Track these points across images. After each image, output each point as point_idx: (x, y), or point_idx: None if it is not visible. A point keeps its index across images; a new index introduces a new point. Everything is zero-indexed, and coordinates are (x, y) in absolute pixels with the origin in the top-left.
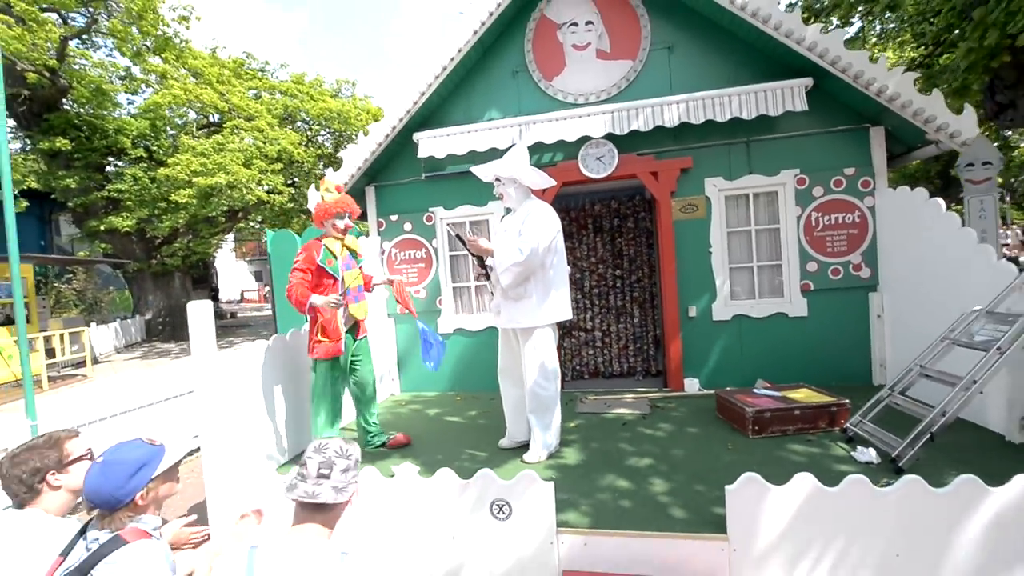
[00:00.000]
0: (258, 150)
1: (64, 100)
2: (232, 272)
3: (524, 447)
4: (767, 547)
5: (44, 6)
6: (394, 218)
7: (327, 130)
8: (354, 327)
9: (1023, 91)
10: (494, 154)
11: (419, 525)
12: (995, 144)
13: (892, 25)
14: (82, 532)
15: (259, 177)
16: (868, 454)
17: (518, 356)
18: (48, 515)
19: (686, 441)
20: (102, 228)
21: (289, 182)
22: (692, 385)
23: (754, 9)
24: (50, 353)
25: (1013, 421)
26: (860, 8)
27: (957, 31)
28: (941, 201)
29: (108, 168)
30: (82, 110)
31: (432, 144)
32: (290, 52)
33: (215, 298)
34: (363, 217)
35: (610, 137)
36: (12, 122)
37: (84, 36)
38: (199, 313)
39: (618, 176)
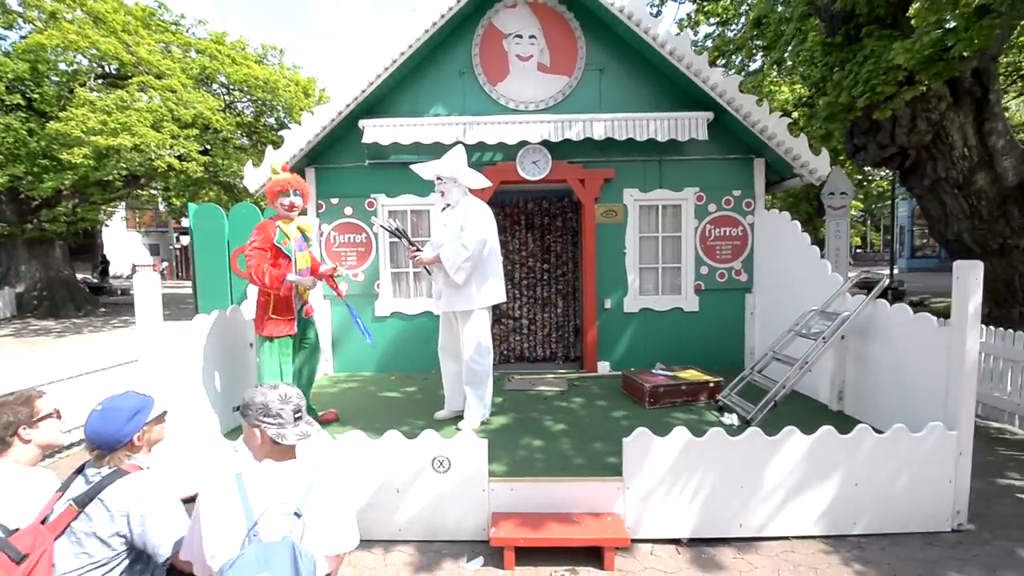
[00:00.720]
0: (170, 112)
1: None
2: (122, 244)
3: (459, 418)
4: (651, 483)
5: None
6: (335, 201)
7: (249, 97)
8: (301, 307)
9: (873, 138)
10: (439, 148)
11: (366, 482)
12: (858, 177)
13: (789, 62)
14: (79, 471)
15: (170, 142)
16: (732, 418)
17: (457, 335)
18: (19, 465)
19: (594, 411)
20: None
21: (203, 149)
22: (604, 367)
23: (671, 48)
24: None
25: (833, 394)
26: (759, 52)
27: (827, 83)
28: (797, 224)
29: None
30: None
31: (378, 132)
32: (199, 5)
33: (104, 272)
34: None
35: (545, 144)
36: None
37: None
38: (145, 285)
39: (550, 180)
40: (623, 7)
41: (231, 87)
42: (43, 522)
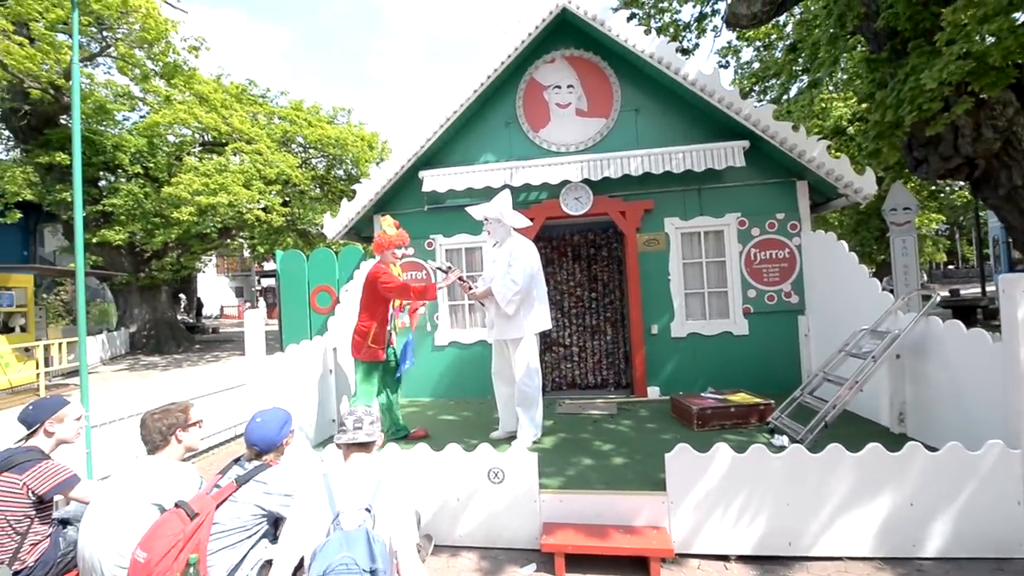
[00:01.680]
0: (258, 171)
1: (64, 116)
2: (212, 287)
3: (513, 438)
4: (694, 498)
5: (59, 27)
6: None
7: (321, 154)
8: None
9: (934, 149)
10: (489, 191)
11: (432, 491)
12: (933, 188)
13: (844, 76)
14: (236, 460)
15: (258, 197)
16: (783, 440)
17: (509, 361)
18: (172, 460)
19: (642, 433)
20: (94, 241)
21: (283, 202)
22: (654, 392)
23: (702, 85)
24: (47, 362)
25: (894, 416)
26: (802, 75)
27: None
28: (843, 244)
29: (101, 183)
30: (82, 126)
31: (435, 180)
32: (272, 67)
33: (199, 312)
34: (369, 240)
35: (586, 181)
36: (9, 135)
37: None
38: (253, 321)
39: (593, 213)
40: (653, 53)
41: (307, 146)
42: (208, 494)
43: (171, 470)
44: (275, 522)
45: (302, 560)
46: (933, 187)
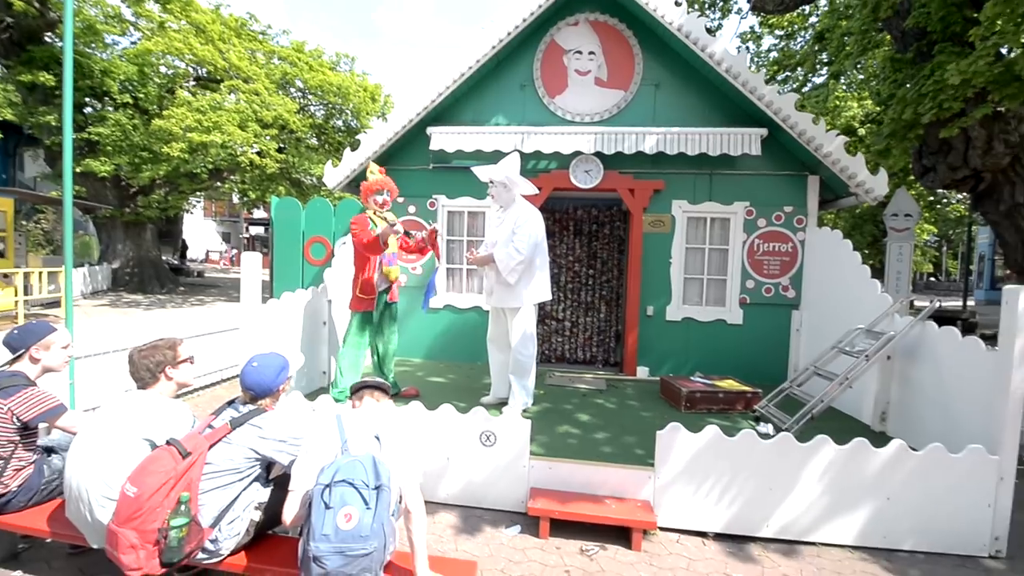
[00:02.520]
0: (254, 113)
1: (50, 33)
2: (199, 230)
3: (503, 404)
4: (681, 475)
5: None
6: (400, 200)
7: (322, 101)
8: (386, 290)
9: (943, 158)
10: (497, 155)
11: (422, 449)
12: (931, 199)
13: (856, 76)
14: (230, 403)
15: (253, 140)
16: (768, 428)
17: (505, 329)
18: (163, 396)
19: (629, 410)
20: (77, 170)
21: (279, 148)
22: (643, 372)
23: (728, 65)
24: (26, 290)
25: (876, 415)
26: (823, 67)
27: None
28: (849, 243)
29: (87, 109)
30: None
31: (443, 139)
32: (274, 12)
33: (183, 254)
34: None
35: (598, 154)
36: None
37: None
38: (250, 264)
39: (601, 188)
40: (680, 25)
41: (307, 91)
42: (201, 433)
43: (163, 406)
44: (267, 466)
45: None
46: (932, 198)
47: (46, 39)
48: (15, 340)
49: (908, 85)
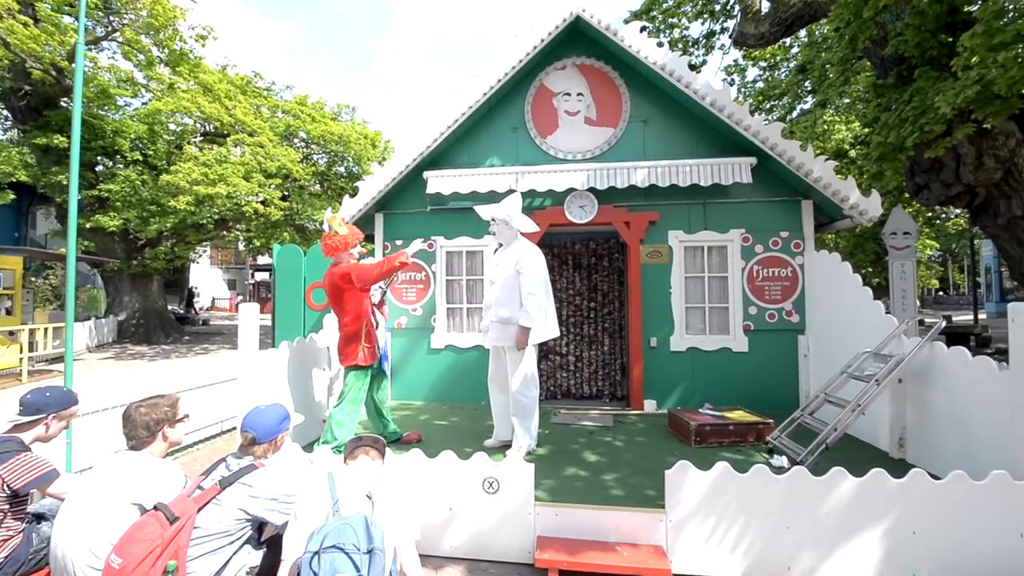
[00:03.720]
0: (258, 164)
1: (65, 99)
2: (205, 278)
3: (507, 447)
4: (693, 517)
5: (65, 8)
6: (399, 243)
7: (324, 150)
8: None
9: (935, 176)
10: (493, 196)
11: (423, 499)
12: (929, 215)
13: (847, 100)
14: (221, 460)
15: (257, 190)
16: (782, 461)
17: (505, 368)
18: (154, 456)
19: (638, 447)
20: (87, 226)
21: (282, 196)
22: (650, 405)
23: (712, 100)
24: (31, 347)
25: (894, 441)
26: (807, 95)
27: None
28: (848, 265)
29: (99, 168)
30: (83, 109)
31: (440, 182)
32: (277, 60)
33: (190, 303)
34: (371, 239)
35: (592, 190)
36: (7, 114)
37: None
38: (248, 314)
39: (597, 223)
40: (664, 64)
41: (310, 141)
42: (190, 496)
43: (154, 468)
44: (259, 527)
45: None
46: (930, 213)
47: (61, 104)
48: (40, 402)
49: (892, 109)
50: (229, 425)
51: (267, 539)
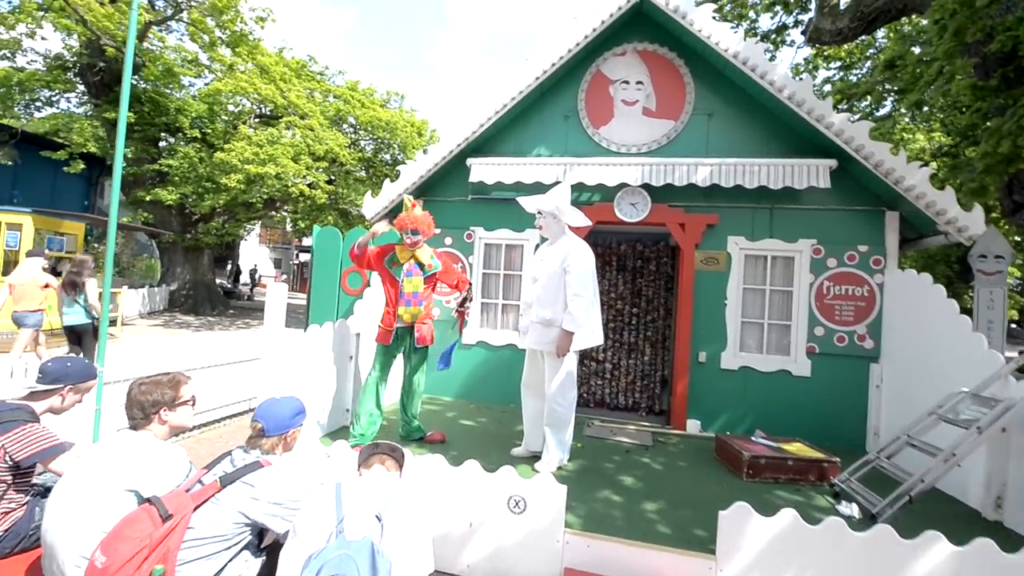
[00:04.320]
0: (307, 147)
1: (135, 76)
2: (253, 256)
3: (535, 457)
4: (749, 569)
5: None
6: (437, 231)
7: (371, 136)
8: (408, 330)
9: None
10: (539, 187)
11: (441, 510)
12: (1018, 239)
13: (926, 107)
14: (227, 454)
15: (304, 172)
16: (851, 508)
17: (541, 373)
18: (156, 439)
19: (681, 474)
20: (147, 199)
21: (328, 180)
22: (694, 426)
23: (790, 93)
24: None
25: (989, 499)
26: (890, 97)
27: (981, 130)
28: (942, 288)
29: (161, 143)
30: (149, 87)
31: (483, 170)
32: (334, 48)
33: (237, 279)
34: None
35: (646, 186)
36: (83, 89)
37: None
38: (276, 294)
39: (648, 222)
40: (737, 52)
41: (358, 127)
42: (188, 491)
43: (155, 452)
44: (259, 533)
45: None
46: (1018, 237)
47: (132, 81)
48: (59, 371)
49: (1007, 114)
50: (249, 406)
51: (267, 546)
